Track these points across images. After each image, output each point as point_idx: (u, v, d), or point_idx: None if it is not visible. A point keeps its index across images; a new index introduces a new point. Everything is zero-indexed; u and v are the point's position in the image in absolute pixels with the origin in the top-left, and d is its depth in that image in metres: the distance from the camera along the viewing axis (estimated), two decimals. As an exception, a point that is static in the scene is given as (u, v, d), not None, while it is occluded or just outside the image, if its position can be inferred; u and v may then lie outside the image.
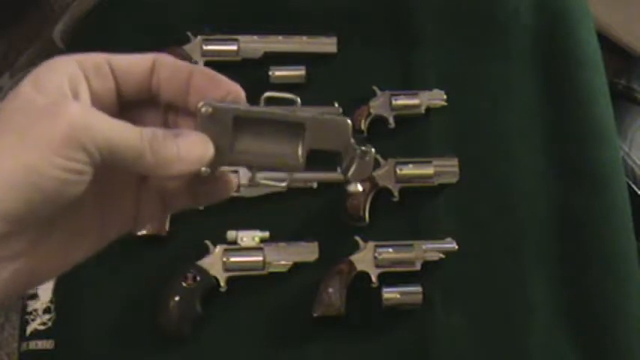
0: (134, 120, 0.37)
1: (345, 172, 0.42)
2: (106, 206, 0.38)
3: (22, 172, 0.32)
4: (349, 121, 0.40)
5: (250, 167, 0.40)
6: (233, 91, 0.39)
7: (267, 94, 0.41)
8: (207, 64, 0.91)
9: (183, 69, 0.38)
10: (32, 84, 0.34)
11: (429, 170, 0.86)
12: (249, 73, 0.91)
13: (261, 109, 0.40)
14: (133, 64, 0.38)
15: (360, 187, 0.41)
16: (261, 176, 0.40)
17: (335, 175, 0.88)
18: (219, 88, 0.39)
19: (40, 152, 0.32)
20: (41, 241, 0.35)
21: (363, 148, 0.40)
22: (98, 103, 0.37)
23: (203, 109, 0.38)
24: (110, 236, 0.40)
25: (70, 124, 0.33)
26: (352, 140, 0.40)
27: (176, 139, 0.37)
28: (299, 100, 0.41)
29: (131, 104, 0.39)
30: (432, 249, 0.82)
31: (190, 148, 0.37)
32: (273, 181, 0.41)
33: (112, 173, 0.37)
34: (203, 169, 0.37)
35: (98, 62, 0.37)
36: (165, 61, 0.38)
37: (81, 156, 0.33)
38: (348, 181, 0.40)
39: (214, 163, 0.38)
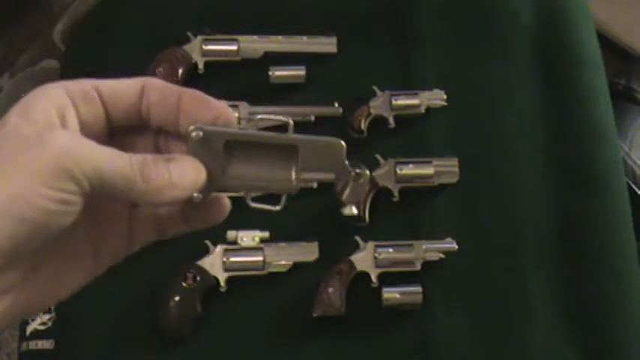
0: (125, 146, 0.36)
1: (339, 194, 0.41)
2: (98, 234, 0.38)
3: (8, 203, 0.31)
4: (343, 143, 0.40)
5: (244, 191, 0.39)
6: (224, 113, 0.38)
7: (261, 116, 0.41)
8: (207, 64, 0.91)
9: (173, 92, 0.37)
10: (19, 112, 0.34)
11: (429, 170, 0.86)
12: (249, 73, 0.92)
13: (253, 132, 0.38)
14: (122, 89, 0.37)
15: (354, 210, 0.41)
16: (255, 204, 0.40)
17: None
18: (210, 110, 0.38)
19: (27, 182, 0.31)
20: (33, 272, 0.35)
21: (358, 170, 0.40)
22: (87, 130, 0.36)
23: (193, 134, 0.37)
24: (104, 263, 0.39)
25: (58, 153, 0.32)
26: (346, 162, 0.40)
27: (168, 164, 0.36)
28: (292, 121, 0.39)
29: (121, 130, 0.38)
30: (432, 249, 0.82)
31: (182, 174, 0.36)
32: (267, 205, 0.40)
33: (103, 201, 0.36)
34: (195, 194, 0.37)
35: (86, 89, 0.36)
36: (154, 84, 0.37)
37: (69, 186, 0.32)
38: (342, 204, 0.40)
39: (207, 189, 0.37)
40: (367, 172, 0.40)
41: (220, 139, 0.37)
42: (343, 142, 0.40)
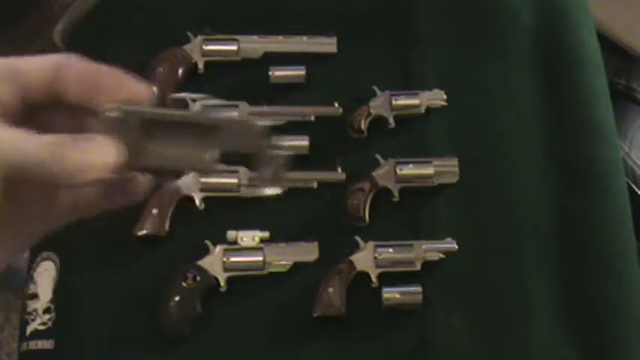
0: (43, 124, 0.35)
1: (260, 175, 0.41)
2: (16, 214, 0.36)
3: None
4: (262, 124, 0.40)
5: (163, 169, 0.39)
6: (141, 92, 0.37)
7: (174, 95, 0.39)
8: (207, 64, 0.91)
9: (91, 69, 0.36)
10: None
11: (429, 170, 0.86)
12: (249, 73, 0.92)
13: (170, 111, 0.38)
14: (37, 65, 0.36)
15: (277, 191, 0.41)
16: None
17: (335, 175, 0.89)
18: (128, 88, 0.37)
19: None
20: None
21: (277, 152, 0.41)
22: (3, 109, 0.35)
23: (109, 113, 0.36)
24: (22, 243, 0.38)
25: None
26: (267, 143, 0.40)
27: (84, 144, 0.34)
28: (211, 102, 0.41)
29: (38, 107, 0.37)
30: (432, 249, 0.82)
31: (98, 154, 0.35)
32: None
33: (20, 182, 0.35)
34: (110, 175, 0.36)
35: (3, 65, 0.35)
36: (71, 61, 0.36)
37: None
38: (263, 185, 0.40)
39: (125, 168, 0.36)
40: (287, 153, 0.40)
41: (137, 118, 0.37)
42: (262, 123, 0.40)
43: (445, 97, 0.90)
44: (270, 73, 0.90)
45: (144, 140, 0.37)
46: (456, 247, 0.82)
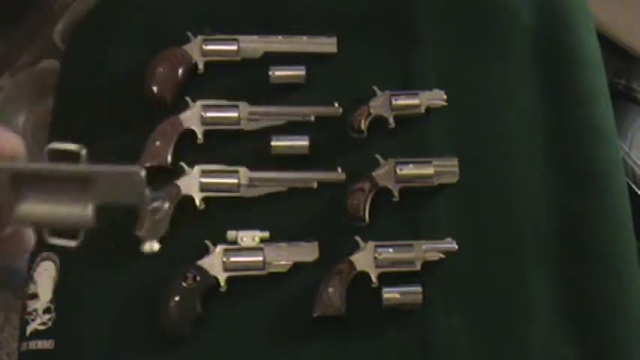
0: None
1: (138, 229, 0.39)
2: None
3: None
4: (142, 173, 0.36)
5: (38, 226, 0.37)
6: (10, 146, 0.35)
7: (51, 145, 0.37)
8: (207, 64, 0.91)
9: None
10: None
11: (429, 170, 0.86)
12: (249, 73, 0.92)
13: (42, 165, 0.36)
14: None
15: (155, 247, 0.39)
16: (53, 239, 0.37)
17: (335, 175, 0.90)
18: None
19: None
20: None
21: (156, 204, 0.38)
22: None
23: None
24: None
25: None
26: (147, 192, 0.37)
27: None
28: (84, 151, 0.37)
29: None
30: (432, 249, 0.82)
31: None
32: (65, 240, 0.37)
33: None
34: None
35: None
36: None
37: None
38: (143, 239, 0.37)
39: None
40: (166, 204, 0.37)
41: (5, 173, 0.35)
42: (142, 172, 0.36)
43: (445, 97, 0.90)
44: (270, 73, 0.90)
45: (16, 195, 0.35)
46: (456, 247, 0.82)
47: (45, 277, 0.82)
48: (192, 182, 0.84)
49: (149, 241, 0.36)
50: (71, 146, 0.36)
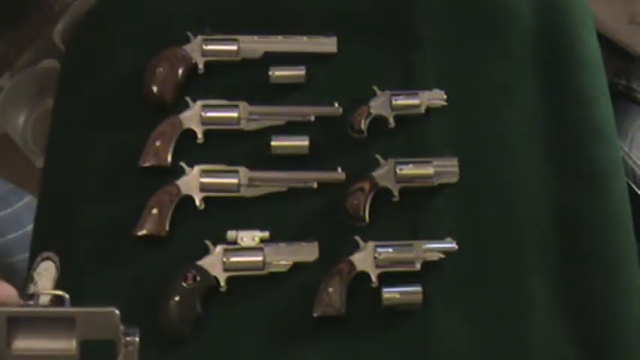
0: None
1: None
2: None
3: None
4: (116, 311, 0.43)
5: None
6: (6, 293, 0.41)
7: (37, 292, 0.44)
8: (207, 64, 0.91)
9: None
10: None
11: (429, 170, 0.86)
12: (249, 73, 0.92)
13: (33, 309, 0.41)
14: None
15: None
16: None
17: (335, 175, 0.90)
18: None
19: None
20: None
21: (128, 338, 0.43)
22: None
23: None
24: None
25: None
26: (121, 328, 0.43)
27: None
28: (67, 295, 0.43)
29: None
30: (432, 249, 0.82)
31: None
32: None
33: None
34: None
35: None
36: None
37: None
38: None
39: None
40: (137, 339, 0.43)
41: (2, 317, 0.40)
42: (117, 311, 0.43)
43: (445, 97, 0.90)
44: (270, 73, 0.90)
45: (9, 336, 0.40)
46: (456, 247, 0.82)
47: (45, 277, 0.82)
48: (192, 182, 0.84)
49: None
50: (57, 292, 0.43)
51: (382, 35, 0.95)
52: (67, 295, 0.43)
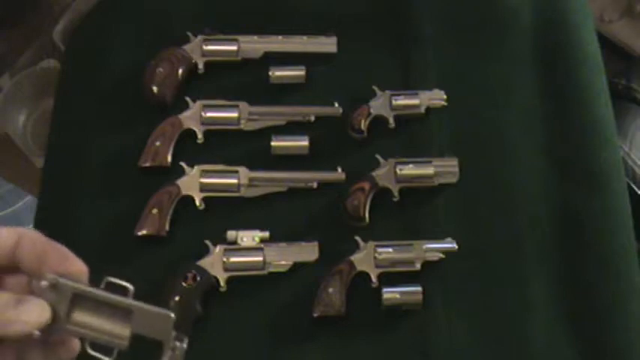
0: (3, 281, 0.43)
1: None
2: None
3: None
4: (172, 315, 0.46)
5: (82, 339, 0.45)
6: (79, 269, 0.45)
7: (109, 279, 0.46)
8: (207, 64, 0.91)
9: (41, 245, 0.44)
10: None
11: (429, 170, 0.86)
12: (249, 73, 0.92)
13: (98, 291, 0.45)
14: (3, 240, 0.44)
15: None
16: (92, 351, 0.45)
17: (335, 175, 0.90)
18: (69, 264, 0.45)
19: None
20: None
21: (178, 343, 0.46)
22: None
23: (45, 282, 0.44)
24: None
25: None
26: (173, 333, 0.46)
27: (17, 302, 0.42)
28: (132, 288, 0.47)
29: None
30: (432, 249, 0.82)
31: (29, 312, 0.42)
32: (102, 355, 0.45)
33: None
34: (36, 332, 0.42)
35: None
36: (28, 236, 0.44)
37: None
38: None
39: (50, 330, 0.44)
40: (185, 346, 0.46)
41: (68, 290, 0.44)
42: (173, 315, 0.46)
43: (445, 97, 0.90)
44: (270, 73, 0.90)
45: (71, 309, 0.44)
46: (456, 247, 0.82)
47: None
48: (192, 182, 0.84)
49: None
50: (123, 283, 0.46)
51: (382, 35, 0.95)
52: (131, 288, 0.47)
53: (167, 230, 0.83)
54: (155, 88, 0.89)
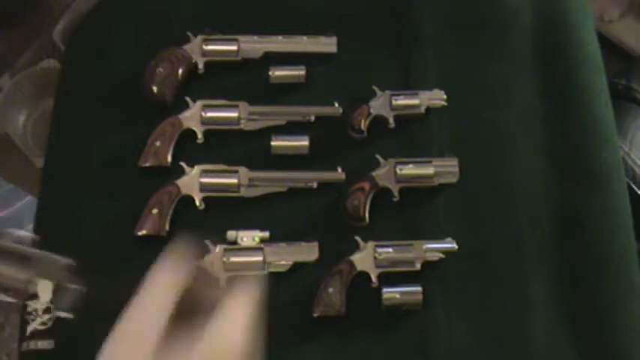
0: None
1: (57, 303, 0.54)
2: None
3: None
4: (66, 260, 0.52)
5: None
6: None
7: (10, 231, 0.51)
8: (207, 64, 0.91)
9: None
10: None
11: (429, 170, 0.86)
12: (249, 73, 0.92)
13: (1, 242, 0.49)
14: None
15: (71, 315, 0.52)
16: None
17: (335, 175, 0.90)
18: None
19: None
20: None
21: (76, 286, 0.53)
22: None
23: None
24: None
25: None
26: (67, 276, 0.53)
27: None
28: (36, 237, 0.51)
29: None
30: (432, 249, 0.82)
31: None
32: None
33: None
34: None
35: None
36: None
37: None
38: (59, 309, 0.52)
39: None
40: (81, 289, 0.52)
41: None
42: (67, 260, 0.53)
43: (445, 97, 0.90)
44: (270, 73, 0.90)
45: None
46: (456, 247, 0.82)
47: (45, 277, 0.82)
48: (192, 182, 0.84)
49: (64, 311, 0.50)
50: (27, 233, 0.52)
51: (382, 35, 0.95)
52: (35, 237, 0.52)
53: (167, 230, 0.83)
54: (155, 88, 0.89)
